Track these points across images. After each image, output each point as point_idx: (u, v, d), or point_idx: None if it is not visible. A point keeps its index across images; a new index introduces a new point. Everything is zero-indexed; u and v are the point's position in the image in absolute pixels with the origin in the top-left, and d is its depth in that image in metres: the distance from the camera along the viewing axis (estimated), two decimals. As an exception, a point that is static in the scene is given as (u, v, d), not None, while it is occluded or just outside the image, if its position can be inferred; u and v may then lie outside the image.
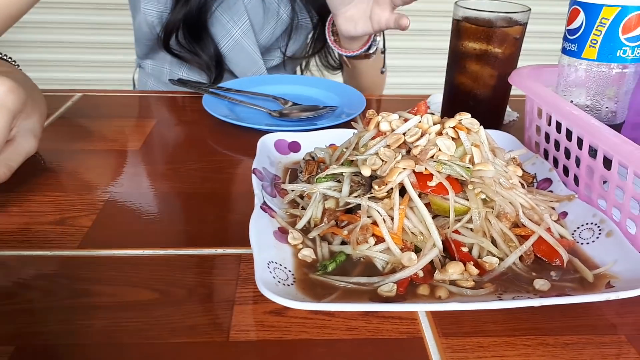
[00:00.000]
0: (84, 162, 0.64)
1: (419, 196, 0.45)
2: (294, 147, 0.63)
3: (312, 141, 0.63)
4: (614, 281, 0.43)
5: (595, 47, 0.54)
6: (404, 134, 0.48)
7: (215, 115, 0.74)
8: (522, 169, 0.57)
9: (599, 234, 0.48)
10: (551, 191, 0.55)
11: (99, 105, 0.83)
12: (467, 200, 0.45)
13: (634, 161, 0.45)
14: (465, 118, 0.49)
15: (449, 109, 0.74)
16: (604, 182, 0.50)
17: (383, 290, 0.41)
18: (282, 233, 0.47)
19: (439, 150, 0.46)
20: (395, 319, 0.41)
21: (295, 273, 0.43)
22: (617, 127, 0.59)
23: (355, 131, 0.55)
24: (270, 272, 0.41)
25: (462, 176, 0.45)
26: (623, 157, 0.46)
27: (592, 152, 0.51)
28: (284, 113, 0.78)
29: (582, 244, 0.48)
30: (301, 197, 0.52)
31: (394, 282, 0.41)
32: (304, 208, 0.50)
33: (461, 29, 0.68)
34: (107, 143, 0.69)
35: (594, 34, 0.54)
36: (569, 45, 0.57)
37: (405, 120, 0.50)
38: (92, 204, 0.55)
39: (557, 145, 0.58)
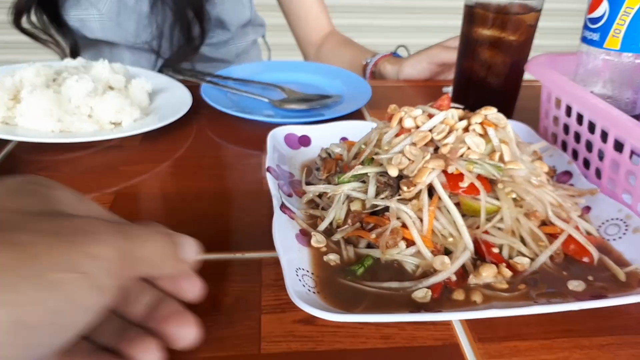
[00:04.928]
0: (83, 163, 0.61)
1: (448, 197, 0.44)
2: (304, 141, 0.61)
3: (323, 134, 0.61)
4: (646, 279, 0.42)
5: (618, 37, 0.53)
6: (430, 130, 0.46)
7: (216, 107, 0.71)
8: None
9: (626, 230, 0.47)
10: (572, 184, 0.54)
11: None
12: (498, 199, 0.44)
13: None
14: (491, 113, 0.48)
15: (459, 96, 0.72)
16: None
17: (417, 296, 0.39)
18: (303, 235, 0.46)
19: (469, 148, 0.44)
20: (428, 325, 0.40)
21: (323, 279, 0.41)
22: (637, 118, 0.58)
23: (373, 125, 0.53)
24: (300, 280, 0.39)
25: (494, 175, 0.44)
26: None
27: (617, 145, 0.50)
28: (287, 102, 0.76)
29: (608, 240, 0.47)
30: (319, 196, 0.50)
31: (427, 287, 0.40)
32: (323, 208, 0.49)
33: (473, 15, 0.66)
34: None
35: (617, 23, 0.52)
36: (590, 34, 0.55)
37: (430, 115, 0.48)
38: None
39: (577, 137, 0.56)
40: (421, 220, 0.43)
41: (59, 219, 0.28)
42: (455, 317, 0.37)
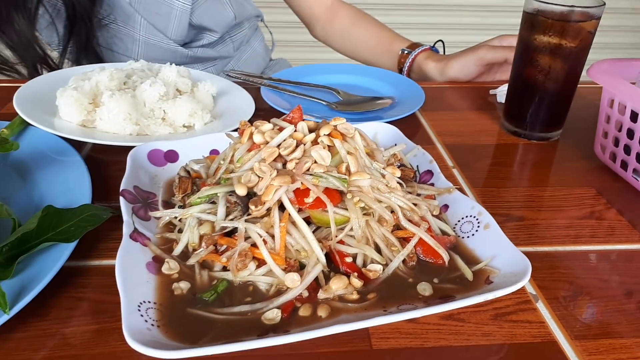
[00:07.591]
0: None
1: (299, 211, 0.43)
2: (171, 156, 0.59)
3: (191, 149, 0.59)
4: (492, 276, 0.44)
5: None
6: (278, 146, 0.46)
7: (277, 109, 0.73)
8: (404, 164, 0.57)
9: (478, 226, 0.49)
10: (432, 184, 0.56)
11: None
12: (347, 210, 0.44)
13: None
14: (341, 123, 0.48)
15: (514, 101, 0.74)
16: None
17: (266, 317, 0.39)
18: (156, 263, 0.44)
19: (315, 162, 0.44)
20: (524, 323, 0.42)
21: (170, 309, 0.39)
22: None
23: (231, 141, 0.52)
24: (142, 314, 0.37)
25: (339, 187, 0.44)
26: None
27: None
28: (343, 104, 0.78)
29: (463, 237, 0.49)
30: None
31: (278, 307, 0.40)
32: (180, 231, 0.47)
33: (534, 22, 0.67)
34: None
35: None
36: None
37: (280, 129, 0.47)
38: None
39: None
40: (273, 237, 0.43)
41: None
42: (286, 340, 0.35)
